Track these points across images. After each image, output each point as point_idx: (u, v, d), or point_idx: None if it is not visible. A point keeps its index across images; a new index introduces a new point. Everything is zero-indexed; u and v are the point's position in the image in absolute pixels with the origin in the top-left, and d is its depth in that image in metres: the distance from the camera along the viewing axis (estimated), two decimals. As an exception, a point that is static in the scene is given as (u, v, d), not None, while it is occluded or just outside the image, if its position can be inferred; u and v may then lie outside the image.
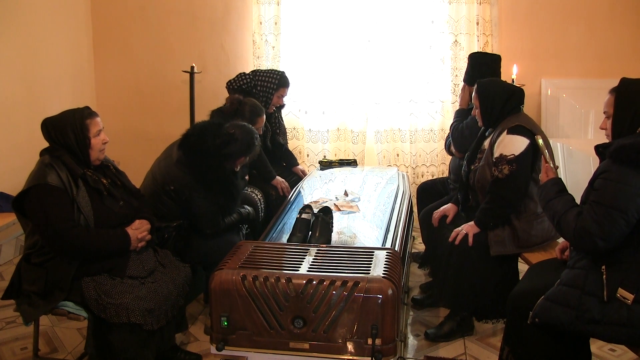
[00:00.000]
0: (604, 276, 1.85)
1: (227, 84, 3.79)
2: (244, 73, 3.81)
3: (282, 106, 3.99)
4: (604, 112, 2.01)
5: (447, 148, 3.47)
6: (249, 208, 3.07)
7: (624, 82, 1.95)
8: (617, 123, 1.94)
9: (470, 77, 3.31)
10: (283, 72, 3.82)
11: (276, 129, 3.93)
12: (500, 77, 3.34)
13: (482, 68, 3.26)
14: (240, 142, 2.72)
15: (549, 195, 2.06)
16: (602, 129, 2.03)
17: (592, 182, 1.96)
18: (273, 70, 3.89)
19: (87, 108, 2.31)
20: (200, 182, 2.67)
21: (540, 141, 2.31)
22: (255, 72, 3.82)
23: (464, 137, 3.20)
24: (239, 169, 2.87)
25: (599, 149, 1.96)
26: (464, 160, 2.93)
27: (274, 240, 2.48)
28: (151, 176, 2.80)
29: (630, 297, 1.81)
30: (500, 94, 2.74)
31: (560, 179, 2.14)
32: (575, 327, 1.87)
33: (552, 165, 2.20)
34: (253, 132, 2.83)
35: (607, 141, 1.98)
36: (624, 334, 1.82)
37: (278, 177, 3.67)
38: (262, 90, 3.68)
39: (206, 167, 2.67)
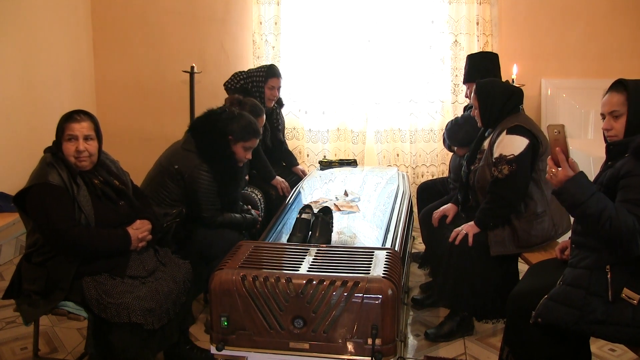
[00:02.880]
0: (609, 276, 1.84)
1: (225, 84, 3.79)
2: (239, 72, 3.81)
3: (282, 104, 3.99)
4: (611, 112, 1.94)
5: (446, 144, 3.48)
6: (254, 212, 3.10)
7: (628, 81, 1.93)
8: (634, 120, 1.90)
9: (469, 76, 3.31)
10: (271, 64, 3.86)
11: (277, 125, 3.93)
12: (500, 75, 3.34)
13: (482, 67, 3.27)
14: (238, 120, 2.83)
15: (589, 190, 1.81)
16: (607, 129, 1.95)
17: (604, 183, 1.91)
18: (262, 65, 3.94)
19: (76, 111, 2.28)
20: (204, 158, 2.75)
21: (566, 130, 1.94)
22: (248, 71, 3.83)
23: (457, 125, 3.22)
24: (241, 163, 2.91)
25: (610, 147, 1.93)
26: (464, 160, 2.93)
27: (274, 240, 2.48)
28: (157, 163, 2.87)
29: (636, 297, 1.79)
30: (499, 94, 2.74)
31: None
32: (579, 327, 1.86)
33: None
34: (253, 121, 2.92)
35: (604, 142, 1.96)
36: (628, 334, 1.82)
37: (278, 177, 3.67)
38: (254, 87, 3.69)
39: (210, 142, 2.77)
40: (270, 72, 3.72)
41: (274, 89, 3.75)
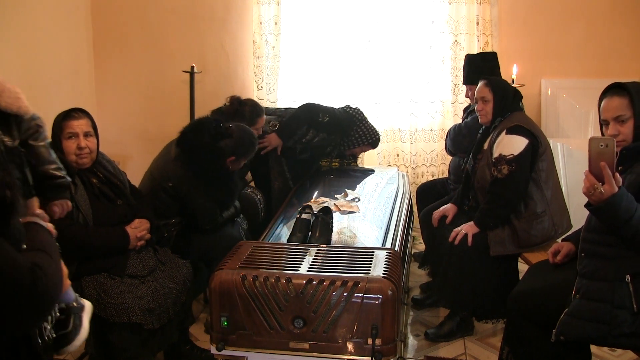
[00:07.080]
0: (631, 286, 1.78)
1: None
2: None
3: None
4: (616, 117, 1.88)
5: (447, 150, 3.49)
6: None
7: (627, 84, 1.90)
8: None
9: (472, 77, 3.30)
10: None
11: None
12: (500, 74, 3.35)
13: (484, 69, 3.26)
14: (235, 139, 2.73)
15: (633, 204, 1.75)
16: (614, 135, 1.87)
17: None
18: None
19: (74, 109, 2.29)
20: (199, 178, 2.68)
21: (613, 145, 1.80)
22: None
23: (462, 135, 3.21)
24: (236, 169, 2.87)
25: (623, 152, 1.87)
26: (470, 158, 2.92)
27: (274, 240, 2.48)
28: (149, 175, 2.80)
29: None
30: (509, 88, 2.80)
31: None
32: (607, 341, 1.82)
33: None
34: (251, 134, 2.83)
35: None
36: None
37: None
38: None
39: (204, 162, 2.68)
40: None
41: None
